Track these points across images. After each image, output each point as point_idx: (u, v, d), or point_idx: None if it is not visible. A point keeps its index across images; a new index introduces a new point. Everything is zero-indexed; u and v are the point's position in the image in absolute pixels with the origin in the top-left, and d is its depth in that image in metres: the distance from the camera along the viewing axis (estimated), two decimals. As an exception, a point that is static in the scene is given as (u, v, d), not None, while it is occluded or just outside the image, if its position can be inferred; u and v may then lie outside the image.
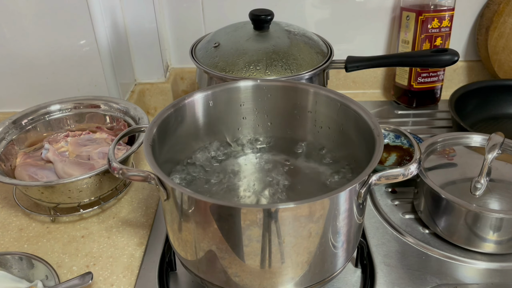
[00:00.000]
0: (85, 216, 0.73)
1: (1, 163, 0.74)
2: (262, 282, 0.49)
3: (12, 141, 0.78)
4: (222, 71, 0.76)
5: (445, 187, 0.65)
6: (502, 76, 1.02)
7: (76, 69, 0.89)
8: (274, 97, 0.66)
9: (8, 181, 0.67)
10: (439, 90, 1.02)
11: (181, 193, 0.47)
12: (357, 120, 0.58)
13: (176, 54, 1.08)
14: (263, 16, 0.80)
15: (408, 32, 0.95)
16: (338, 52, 0.84)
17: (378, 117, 1.00)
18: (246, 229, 0.45)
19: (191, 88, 1.10)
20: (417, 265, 0.62)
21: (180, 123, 0.62)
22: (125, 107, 0.83)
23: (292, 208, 0.44)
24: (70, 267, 0.64)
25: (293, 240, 0.46)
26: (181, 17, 1.02)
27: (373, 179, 0.49)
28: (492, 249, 0.63)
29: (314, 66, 0.78)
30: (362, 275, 0.62)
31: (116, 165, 0.51)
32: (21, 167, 0.74)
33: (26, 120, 0.81)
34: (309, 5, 1.01)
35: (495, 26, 0.97)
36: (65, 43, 0.86)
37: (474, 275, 0.62)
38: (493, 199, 0.63)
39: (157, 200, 0.76)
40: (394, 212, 0.72)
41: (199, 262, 0.52)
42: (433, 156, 0.72)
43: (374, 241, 0.66)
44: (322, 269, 0.51)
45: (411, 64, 0.88)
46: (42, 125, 0.82)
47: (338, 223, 0.48)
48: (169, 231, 0.55)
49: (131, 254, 0.66)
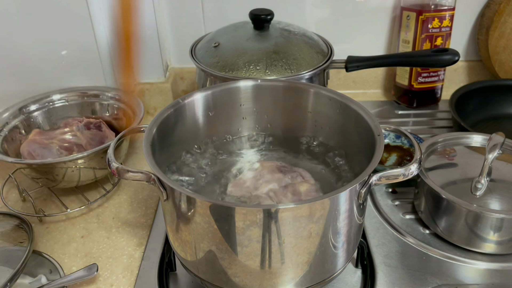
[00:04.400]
0: (71, 216, 0.73)
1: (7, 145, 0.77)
2: (262, 282, 0.49)
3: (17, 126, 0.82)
4: (222, 71, 0.76)
5: (446, 187, 0.64)
6: (502, 76, 1.01)
7: (76, 69, 0.89)
8: (274, 97, 0.66)
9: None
10: (440, 90, 1.02)
11: (180, 193, 0.47)
12: (357, 120, 0.58)
13: (176, 54, 1.08)
14: (263, 16, 0.80)
15: (409, 32, 0.95)
16: (338, 52, 0.84)
17: (378, 117, 1.00)
18: (246, 230, 0.45)
19: (191, 88, 1.10)
20: (418, 266, 0.62)
21: (180, 123, 0.61)
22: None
23: (292, 208, 0.44)
24: (70, 267, 0.64)
25: (293, 240, 0.46)
26: (181, 17, 1.02)
27: (374, 179, 0.48)
28: (492, 249, 0.63)
29: (314, 66, 0.78)
30: (362, 275, 0.62)
31: (115, 166, 0.51)
32: (26, 143, 0.76)
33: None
34: (309, 5, 1.01)
35: (496, 26, 0.97)
36: (65, 43, 0.86)
37: (475, 276, 0.61)
38: (494, 199, 0.63)
39: (157, 200, 0.76)
40: (394, 212, 0.72)
41: (199, 263, 0.51)
42: (434, 156, 0.72)
43: (374, 242, 0.66)
44: (322, 269, 0.51)
45: (411, 64, 0.88)
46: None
47: (339, 224, 0.48)
48: (169, 231, 0.55)
49: (130, 254, 0.66)
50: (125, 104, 0.85)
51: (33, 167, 0.70)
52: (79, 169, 0.71)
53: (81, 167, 0.71)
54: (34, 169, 0.70)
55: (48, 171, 0.70)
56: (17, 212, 0.71)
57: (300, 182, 0.59)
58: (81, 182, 0.74)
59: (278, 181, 0.59)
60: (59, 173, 0.70)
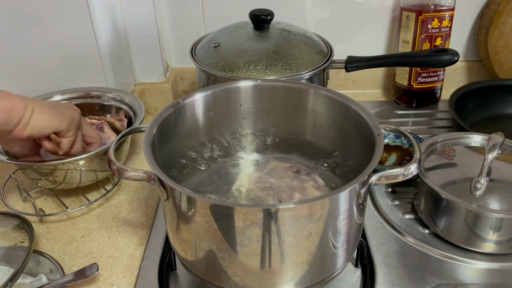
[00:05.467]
0: (71, 215, 0.73)
1: None
2: (262, 282, 0.49)
3: None
4: (222, 71, 0.76)
5: (445, 187, 0.65)
6: (502, 76, 1.02)
7: (76, 69, 0.89)
8: (274, 97, 0.66)
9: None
10: (439, 90, 1.02)
11: (180, 193, 0.47)
12: (357, 120, 0.58)
13: (176, 54, 1.08)
14: (263, 16, 0.80)
15: (408, 32, 0.95)
16: (338, 52, 0.84)
17: (378, 117, 1.00)
18: (246, 229, 0.45)
19: (191, 88, 1.10)
20: (417, 265, 0.62)
21: (180, 123, 0.62)
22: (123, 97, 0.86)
23: (292, 208, 0.44)
24: (70, 267, 0.64)
25: (293, 240, 0.46)
26: (181, 17, 1.02)
27: (373, 179, 0.48)
28: (492, 249, 0.63)
29: (314, 66, 0.78)
30: (362, 275, 0.62)
31: (116, 166, 0.51)
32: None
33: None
34: (309, 5, 1.01)
35: (495, 26, 0.97)
36: (65, 43, 0.86)
37: (474, 275, 0.62)
38: (493, 199, 0.63)
39: (157, 200, 0.76)
40: (394, 212, 0.72)
41: (199, 262, 0.52)
42: (433, 156, 0.72)
43: (374, 241, 0.66)
44: (322, 269, 0.51)
45: (411, 64, 0.88)
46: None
47: (338, 223, 0.48)
48: (169, 231, 0.55)
49: (131, 254, 0.66)
50: (126, 105, 0.85)
51: (33, 168, 0.70)
52: (80, 171, 0.71)
53: (82, 169, 0.71)
54: (35, 170, 0.70)
55: (48, 173, 0.70)
56: (17, 212, 0.71)
57: (311, 186, 0.59)
58: (82, 183, 0.74)
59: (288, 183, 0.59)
60: (59, 175, 0.70)
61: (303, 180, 0.59)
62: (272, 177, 0.60)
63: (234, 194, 0.59)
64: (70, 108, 0.68)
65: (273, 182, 0.59)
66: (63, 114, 0.65)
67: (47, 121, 0.63)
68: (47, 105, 0.65)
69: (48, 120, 0.63)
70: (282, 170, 0.61)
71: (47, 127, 0.63)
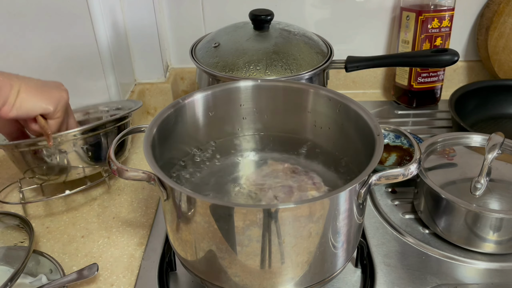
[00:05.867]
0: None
1: None
2: (262, 282, 0.49)
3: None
4: (222, 71, 0.76)
5: (445, 187, 0.65)
6: (502, 76, 1.02)
7: (76, 70, 0.89)
8: (274, 97, 0.66)
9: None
10: (439, 90, 1.02)
11: (180, 193, 0.47)
12: (357, 120, 0.58)
13: (176, 54, 1.08)
14: (263, 16, 0.80)
15: (408, 32, 0.95)
16: (338, 52, 0.84)
17: (378, 117, 1.00)
18: (246, 229, 0.45)
19: (191, 88, 1.10)
20: (417, 265, 0.62)
21: (180, 123, 0.62)
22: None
23: (292, 208, 0.44)
24: (70, 267, 0.64)
25: (293, 240, 0.46)
26: (181, 17, 1.02)
27: (373, 179, 0.49)
28: (492, 249, 0.63)
29: (314, 66, 0.78)
30: (362, 275, 0.62)
31: (116, 165, 0.51)
32: None
33: None
34: (309, 5, 1.01)
35: (495, 26, 0.97)
36: (65, 43, 0.86)
37: (474, 275, 0.62)
38: (493, 199, 0.63)
39: (157, 200, 0.76)
40: (394, 212, 0.72)
41: (199, 262, 0.52)
42: (433, 156, 0.72)
43: (374, 241, 0.66)
44: (322, 269, 0.51)
45: (411, 64, 0.88)
46: None
47: (338, 223, 0.48)
48: (169, 231, 0.55)
49: (131, 254, 0.66)
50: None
51: (22, 150, 0.67)
52: (66, 156, 0.69)
53: (71, 151, 0.69)
54: (26, 154, 0.68)
55: (40, 157, 0.68)
56: (17, 212, 0.71)
57: (310, 186, 0.59)
58: (69, 175, 0.72)
59: (287, 182, 0.59)
60: (50, 154, 0.68)
61: (303, 180, 0.59)
62: (272, 177, 0.61)
63: (234, 194, 0.59)
64: (58, 88, 0.65)
65: (273, 182, 0.59)
66: (51, 94, 0.63)
67: (34, 102, 0.61)
68: (34, 85, 0.62)
69: (35, 101, 0.61)
70: (282, 170, 0.61)
71: (34, 109, 0.61)
